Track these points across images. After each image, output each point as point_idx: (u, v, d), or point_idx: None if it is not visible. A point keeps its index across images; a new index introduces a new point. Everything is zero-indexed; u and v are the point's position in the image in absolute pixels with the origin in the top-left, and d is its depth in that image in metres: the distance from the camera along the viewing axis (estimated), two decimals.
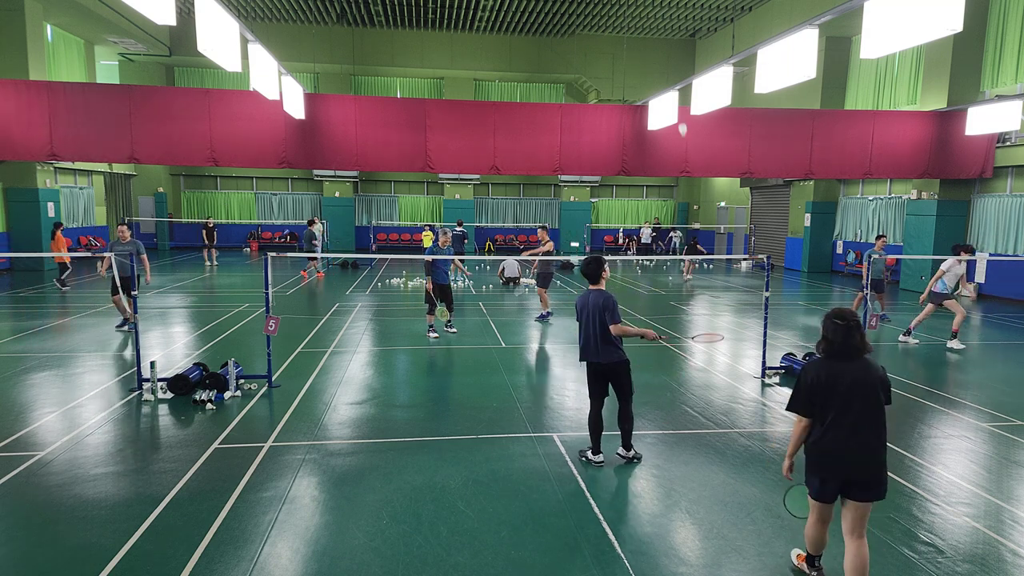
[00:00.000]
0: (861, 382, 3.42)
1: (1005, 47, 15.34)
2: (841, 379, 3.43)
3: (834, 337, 3.47)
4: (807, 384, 3.49)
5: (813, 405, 3.49)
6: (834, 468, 3.47)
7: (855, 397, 3.41)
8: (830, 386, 3.43)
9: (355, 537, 4.23)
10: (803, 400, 3.52)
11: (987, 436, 6.28)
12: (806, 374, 3.52)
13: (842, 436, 3.42)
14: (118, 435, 6.01)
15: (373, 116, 14.79)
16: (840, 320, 3.47)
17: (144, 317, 11.21)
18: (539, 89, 29.52)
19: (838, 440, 3.42)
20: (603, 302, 5.25)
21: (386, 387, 7.75)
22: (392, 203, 30.18)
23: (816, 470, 3.53)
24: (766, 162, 15.89)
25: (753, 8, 22.47)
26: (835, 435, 3.43)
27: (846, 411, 3.41)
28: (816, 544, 3.75)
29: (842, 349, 3.46)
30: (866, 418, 3.42)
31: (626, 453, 5.49)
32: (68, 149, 13.95)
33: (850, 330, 3.45)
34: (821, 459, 3.49)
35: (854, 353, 3.46)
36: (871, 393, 3.43)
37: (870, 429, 3.42)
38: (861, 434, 3.41)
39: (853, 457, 3.42)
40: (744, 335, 11.16)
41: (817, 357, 3.59)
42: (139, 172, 26.72)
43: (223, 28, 8.72)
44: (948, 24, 6.35)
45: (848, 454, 3.42)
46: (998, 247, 15.86)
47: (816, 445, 3.51)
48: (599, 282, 5.39)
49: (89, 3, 18.89)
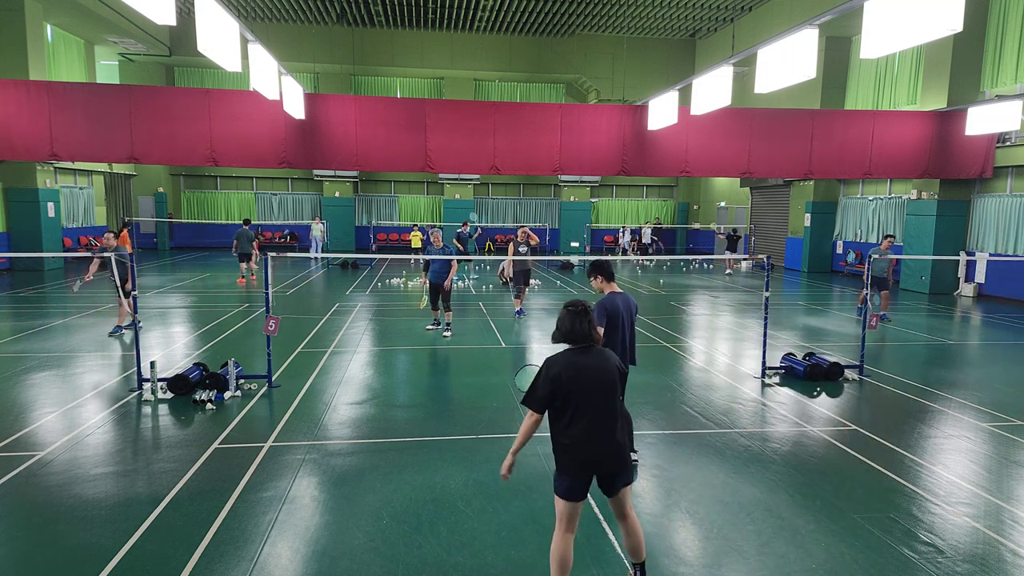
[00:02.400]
0: (602, 372, 3.37)
1: (1005, 47, 15.34)
2: (584, 371, 3.34)
3: (561, 324, 3.43)
4: (546, 379, 3.34)
5: (553, 400, 3.33)
6: (584, 462, 3.33)
7: (596, 388, 3.34)
8: (570, 379, 3.31)
9: (355, 537, 4.23)
10: (539, 396, 3.35)
11: (987, 436, 6.28)
12: (548, 368, 3.36)
13: (589, 429, 3.31)
14: (118, 435, 6.01)
15: (373, 116, 14.79)
16: (571, 307, 3.44)
17: (144, 317, 11.21)
18: (539, 89, 29.51)
19: (585, 433, 3.31)
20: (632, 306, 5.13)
21: (386, 387, 7.75)
22: (392, 203, 30.18)
23: (566, 469, 3.35)
24: (766, 162, 15.89)
25: (753, 8, 22.47)
26: (581, 428, 3.31)
27: (589, 403, 3.32)
28: (562, 564, 3.38)
29: (570, 335, 3.40)
30: (608, 408, 3.35)
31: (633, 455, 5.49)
32: (68, 149, 13.95)
33: (577, 316, 3.40)
34: (571, 457, 3.33)
35: (582, 339, 3.39)
36: (609, 384, 3.38)
37: (613, 420, 3.36)
38: (605, 424, 3.34)
39: (599, 450, 3.33)
40: (744, 335, 11.16)
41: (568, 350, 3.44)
42: (139, 172, 26.72)
43: (223, 28, 8.72)
44: (948, 24, 6.35)
45: (594, 447, 3.32)
46: (998, 247, 15.86)
47: (562, 442, 3.36)
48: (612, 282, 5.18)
49: (89, 3, 18.89)
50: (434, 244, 10.49)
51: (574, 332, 3.40)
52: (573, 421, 3.32)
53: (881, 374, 8.52)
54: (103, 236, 10.28)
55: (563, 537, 3.41)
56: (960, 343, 10.91)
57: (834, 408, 7.16)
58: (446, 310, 10.58)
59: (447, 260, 10.40)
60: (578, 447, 3.32)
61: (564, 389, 3.31)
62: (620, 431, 3.40)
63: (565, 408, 3.34)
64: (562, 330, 3.44)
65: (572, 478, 3.35)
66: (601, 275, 5.13)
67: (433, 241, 10.51)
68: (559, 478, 3.40)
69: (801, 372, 8.17)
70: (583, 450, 3.32)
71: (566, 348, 3.46)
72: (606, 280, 5.13)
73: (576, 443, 3.32)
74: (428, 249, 10.44)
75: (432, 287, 10.54)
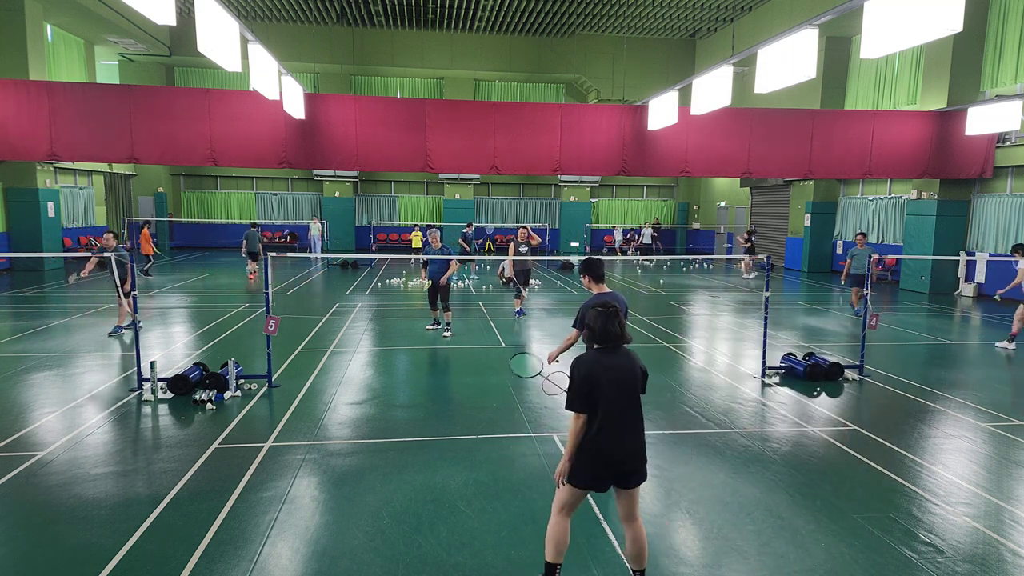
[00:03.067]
0: (626, 373, 3.40)
1: (1005, 47, 15.34)
2: (608, 372, 3.37)
3: (593, 324, 3.44)
4: (581, 379, 3.37)
5: (590, 400, 3.36)
6: (609, 462, 3.38)
7: (621, 389, 3.38)
8: (598, 378, 3.35)
9: (355, 537, 4.23)
10: (581, 396, 3.37)
11: (987, 436, 6.28)
12: (578, 369, 3.40)
13: (615, 429, 3.37)
14: (118, 435, 6.01)
15: (373, 116, 14.79)
16: (601, 307, 3.44)
17: (144, 317, 11.21)
18: (539, 89, 29.52)
19: (612, 433, 3.36)
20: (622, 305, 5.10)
21: (386, 387, 7.75)
22: (392, 203, 30.18)
23: (589, 463, 3.41)
24: (766, 162, 15.89)
25: (753, 8, 22.47)
26: (609, 428, 3.36)
27: (614, 403, 3.36)
28: (560, 545, 3.52)
29: (603, 336, 3.42)
30: (632, 408, 3.41)
31: None
32: (68, 149, 13.94)
33: (608, 317, 3.41)
34: (596, 453, 3.38)
35: (614, 340, 3.42)
36: (633, 384, 3.41)
37: (638, 420, 3.43)
38: (629, 424, 3.40)
39: (624, 450, 3.39)
40: (744, 335, 11.16)
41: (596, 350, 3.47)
42: (139, 172, 26.72)
43: (223, 28, 8.71)
44: (948, 24, 6.35)
45: (620, 447, 3.38)
46: (998, 247, 15.86)
47: (589, 440, 3.39)
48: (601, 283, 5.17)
49: (89, 3, 18.89)
50: (432, 245, 10.53)
51: (607, 333, 3.42)
52: (601, 420, 3.36)
53: (881, 374, 8.52)
54: (103, 236, 10.27)
55: (563, 521, 3.53)
56: (960, 343, 10.91)
57: (834, 408, 7.16)
58: (445, 310, 10.59)
59: (445, 260, 10.41)
60: (605, 446, 3.37)
61: (595, 389, 3.35)
62: (642, 429, 3.46)
63: (595, 408, 3.37)
64: (595, 330, 3.44)
65: (595, 474, 3.43)
66: (589, 275, 5.15)
67: (431, 242, 10.55)
68: (581, 471, 3.44)
69: (801, 372, 8.17)
70: (609, 449, 3.37)
71: (594, 348, 3.47)
72: (594, 280, 5.14)
73: (603, 442, 3.36)
74: (427, 249, 10.48)
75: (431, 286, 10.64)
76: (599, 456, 3.38)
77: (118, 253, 9.25)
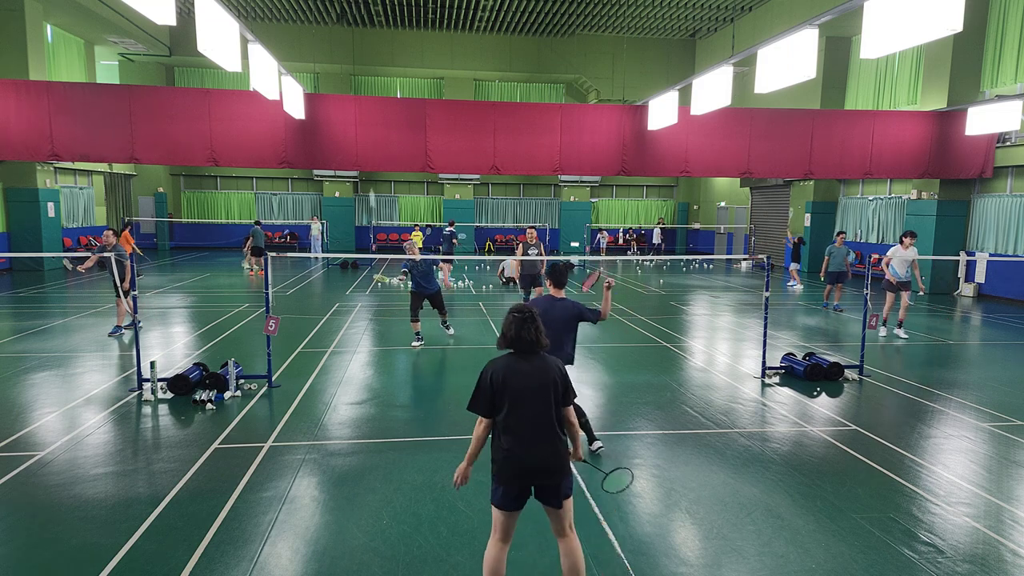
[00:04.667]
0: (538, 380, 3.26)
1: (1005, 47, 15.34)
2: (518, 377, 3.25)
3: (507, 330, 3.33)
4: (487, 382, 3.27)
5: (494, 404, 3.26)
6: (519, 473, 3.24)
7: (532, 396, 3.24)
8: (506, 383, 3.23)
9: (355, 537, 4.23)
10: (484, 399, 3.28)
11: (987, 436, 6.28)
12: (486, 371, 3.31)
13: (523, 437, 3.22)
14: (118, 435, 6.01)
15: (373, 116, 14.79)
16: (518, 312, 3.34)
17: (144, 317, 11.21)
18: (539, 89, 29.51)
19: (518, 441, 3.22)
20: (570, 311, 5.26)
21: (386, 387, 7.75)
22: (392, 203, 30.18)
23: (501, 477, 3.27)
24: (766, 162, 15.89)
25: (753, 8, 22.47)
26: (516, 437, 3.22)
27: (522, 411, 3.23)
28: (495, 573, 3.32)
29: (515, 342, 3.30)
30: (543, 418, 3.24)
31: None
32: (68, 149, 13.95)
33: (524, 322, 3.30)
34: (505, 465, 3.24)
35: (528, 347, 3.30)
36: (546, 393, 3.26)
37: (549, 429, 3.26)
38: (541, 434, 3.24)
39: (534, 459, 3.23)
40: (744, 335, 11.16)
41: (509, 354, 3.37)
42: (139, 172, 26.73)
43: (223, 28, 8.72)
44: (948, 24, 6.35)
45: (529, 456, 3.22)
46: (998, 247, 15.86)
47: (498, 449, 3.28)
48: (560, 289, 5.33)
49: (89, 3, 18.89)
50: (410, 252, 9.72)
51: (520, 339, 3.30)
52: (508, 428, 3.24)
53: (881, 374, 8.52)
54: (103, 235, 10.28)
55: (496, 546, 3.35)
56: (960, 343, 10.91)
57: (834, 408, 7.16)
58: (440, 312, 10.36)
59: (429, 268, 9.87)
60: (512, 455, 3.23)
61: (500, 393, 3.24)
62: (556, 440, 3.28)
63: (498, 413, 3.27)
64: (507, 336, 3.33)
65: (506, 487, 3.27)
66: (551, 280, 5.36)
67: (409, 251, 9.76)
68: (494, 486, 3.32)
69: (801, 372, 8.17)
70: (517, 459, 3.22)
71: (508, 353, 3.38)
72: (554, 285, 5.35)
73: (510, 451, 3.23)
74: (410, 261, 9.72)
75: (415, 296, 9.89)
76: (506, 466, 3.24)
77: (117, 252, 9.25)
